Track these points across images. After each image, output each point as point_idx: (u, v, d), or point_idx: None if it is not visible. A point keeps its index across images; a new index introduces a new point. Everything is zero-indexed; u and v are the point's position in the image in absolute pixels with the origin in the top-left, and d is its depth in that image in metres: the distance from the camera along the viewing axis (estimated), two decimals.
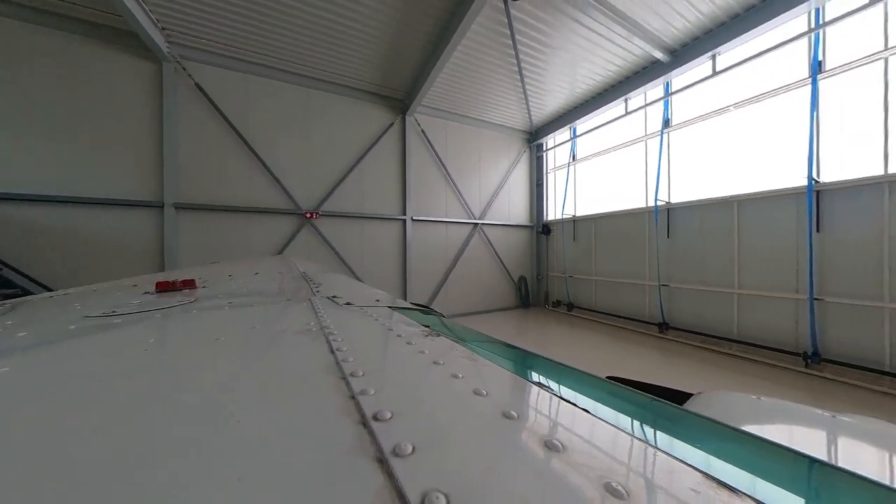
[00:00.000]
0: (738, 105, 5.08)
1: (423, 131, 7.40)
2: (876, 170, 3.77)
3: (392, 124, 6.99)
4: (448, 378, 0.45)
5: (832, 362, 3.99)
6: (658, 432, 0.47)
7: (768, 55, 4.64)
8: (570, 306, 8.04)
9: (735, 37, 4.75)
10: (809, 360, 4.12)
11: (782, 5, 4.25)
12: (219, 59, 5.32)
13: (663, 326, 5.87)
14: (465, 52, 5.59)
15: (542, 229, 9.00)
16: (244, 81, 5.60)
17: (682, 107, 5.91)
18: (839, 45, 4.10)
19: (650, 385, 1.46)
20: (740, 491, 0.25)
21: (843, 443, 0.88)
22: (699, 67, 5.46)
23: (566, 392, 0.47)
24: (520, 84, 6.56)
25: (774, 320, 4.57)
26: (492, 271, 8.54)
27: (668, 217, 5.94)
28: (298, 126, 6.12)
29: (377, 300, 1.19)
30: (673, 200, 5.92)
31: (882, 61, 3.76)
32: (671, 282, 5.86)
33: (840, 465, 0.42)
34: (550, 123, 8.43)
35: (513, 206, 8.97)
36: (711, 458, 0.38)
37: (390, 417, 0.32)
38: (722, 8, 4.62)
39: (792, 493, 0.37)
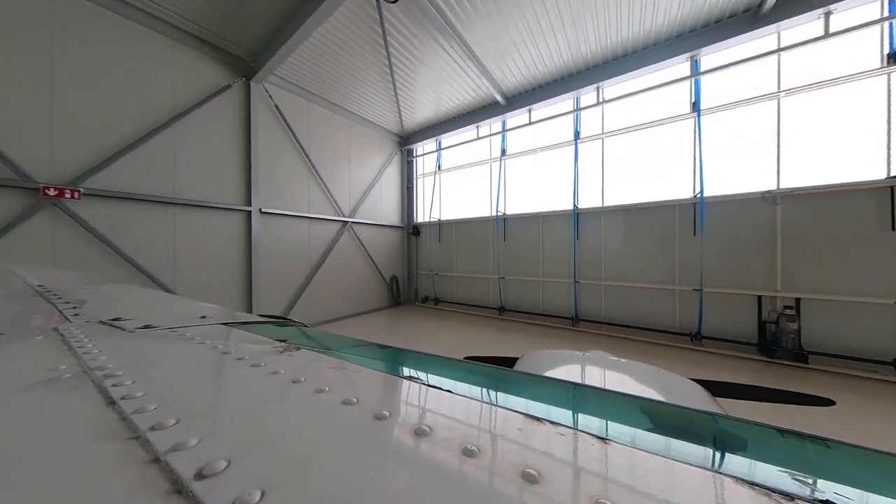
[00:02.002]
0: (543, 149, 7.24)
1: (276, 107, 6.19)
2: (598, 203, 6.37)
3: (229, 86, 5.45)
4: (311, 395, 0.42)
5: (585, 321, 6.39)
6: (498, 393, 0.58)
7: (558, 119, 6.88)
8: (437, 301, 8.94)
9: (541, 100, 6.74)
10: (574, 322, 6.44)
11: (561, 88, 6.42)
12: None
13: (501, 310, 7.54)
14: (338, 35, 5.15)
15: (412, 230, 9.53)
16: None
17: (515, 141, 7.79)
18: (587, 123, 6.63)
19: (493, 357, 1.84)
20: (543, 419, 0.36)
21: (589, 369, 1.46)
22: (524, 115, 7.38)
23: (433, 379, 0.52)
24: (391, 86, 6.68)
25: (558, 297, 6.81)
26: (363, 272, 8.25)
27: (504, 225, 7.68)
28: (27, 42, 3.71)
29: (203, 317, 0.91)
30: (508, 212, 7.71)
31: (601, 140, 6.38)
32: (507, 275, 7.61)
33: (587, 383, 0.69)
34: (420, 132, 9.06)
35: (385, 207, 9.01)
36: (529, 401, 0.51)
37: (226, 467, 0.26)
38: (534, 77, 6.44)
39: (567, 409, 0.56)
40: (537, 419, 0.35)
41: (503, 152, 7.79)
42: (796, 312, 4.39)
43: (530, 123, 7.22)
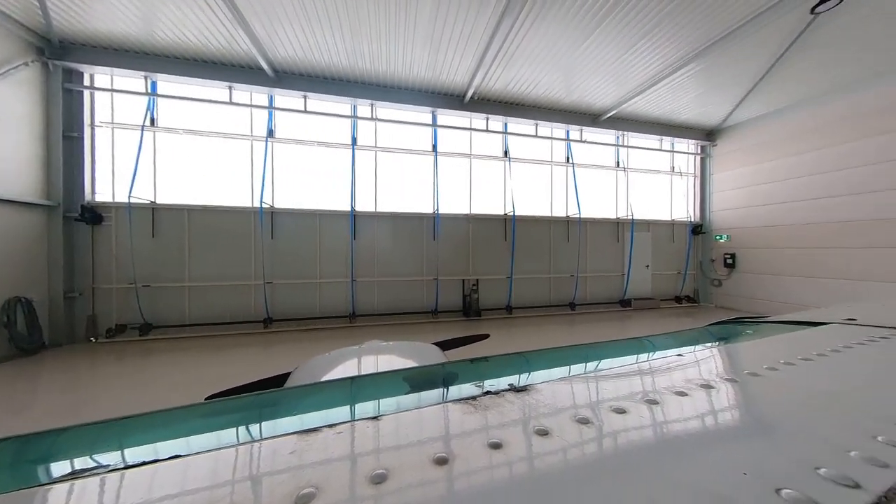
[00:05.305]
0: (320, 144, 6.90)
1: None
2: (372, 207, 7.13)
3: None
4: None
5: (361, 315, 6.86)
6: (262, 423, 0.50)
7: (338, 119, 6.84)
8: (147, 328, 5.75)
9: (318, 91, 6.39)
10: (352, 319, 6.75)
11: (340, 89, 6.50)
12: None
13: (268, 321, 6.30)
14: None
15: (80, 214, 5.45)
16: None
17: (290, 125, 6.72)
18: (365, 133, 7.16)
19: (254, 382, 1.50)
20: (320, 427, 0.35)
21: (364, 360, 1.46)
22: (299, 100, 6.58)
23: (138, 453, 0.37)
24: None
25: (336, 297, 6.83)
26: None
27: (272, 219, 6.47)
28: None
29: None
30: (278, 205, 6.56)
31: (374, 152, 7.20)
32: (275, 279, 6.46)
33: (364, 373, 0.77)
34: (104, 51, 5.39)
35: None
36: (304, 415, 0.49)
37: None
38: (312, 64, 5.98)
39: (345, 405, 0.57)
40: (314, 430, 0.34)
41: (270, 133, 6.54)
42: (477, 288, 7.46)
43: (305, 112, 6.63)
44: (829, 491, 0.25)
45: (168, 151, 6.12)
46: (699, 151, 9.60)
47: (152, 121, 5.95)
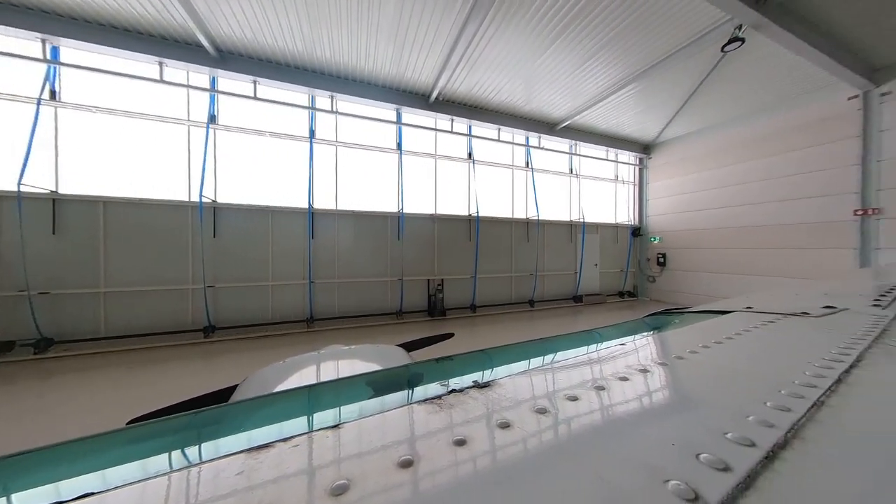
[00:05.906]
0: (273, 134, 6.35)
1: None
2: (332, 205, 6.77)
3: None
4: None
5: (320, 319, 6.46)
6: (202, 444, 0.46)
7: (295, 110, 6.36)
8: (45, 344, 4.76)
9: (271, 77, 5.88)
10: (310, 323, 6.33)
11: (296, 77, 6.05)
12: None
13: (210, 330, 5.63)
14: None
15: None
16: None
17: (236, 111, 6.05)
18: (326, 127, 6.75)
19: (193, 399, 1.35)
20: (273, 442, 0.33)
21: (324, 366, 1.39)
22: (248, 85, 5.98)
23: (27, 497, 0.32)
24: None
25: (292, 300, 6.36)
26: None
27: (214, 216, 5.80)
28: None
29: None
30: (220, 200, 5.89)
31: (335, 147, 6.84)
32: (218, 282, 5.79)
33: (323, 380, 0.72)
34: None
35: None
36: (254, 431, 0.46)
37: None
38: (263, 47, 5.48)
39: (302, 416, 0.54)
40: (265, 446, 0.32)
41: (212, 118, 5.85)
42: (442, 288, 7.50)
43: (256, 98, 6.06)
44: (734, 451, 0.30)
45: (77, 133, 5.13)
46: (638, 163, 10.81)
47: (53, 94, 4.94)
